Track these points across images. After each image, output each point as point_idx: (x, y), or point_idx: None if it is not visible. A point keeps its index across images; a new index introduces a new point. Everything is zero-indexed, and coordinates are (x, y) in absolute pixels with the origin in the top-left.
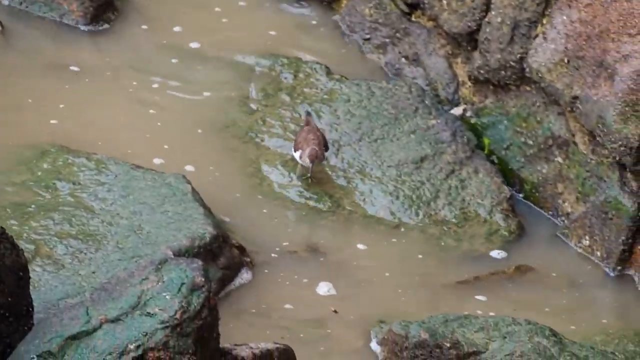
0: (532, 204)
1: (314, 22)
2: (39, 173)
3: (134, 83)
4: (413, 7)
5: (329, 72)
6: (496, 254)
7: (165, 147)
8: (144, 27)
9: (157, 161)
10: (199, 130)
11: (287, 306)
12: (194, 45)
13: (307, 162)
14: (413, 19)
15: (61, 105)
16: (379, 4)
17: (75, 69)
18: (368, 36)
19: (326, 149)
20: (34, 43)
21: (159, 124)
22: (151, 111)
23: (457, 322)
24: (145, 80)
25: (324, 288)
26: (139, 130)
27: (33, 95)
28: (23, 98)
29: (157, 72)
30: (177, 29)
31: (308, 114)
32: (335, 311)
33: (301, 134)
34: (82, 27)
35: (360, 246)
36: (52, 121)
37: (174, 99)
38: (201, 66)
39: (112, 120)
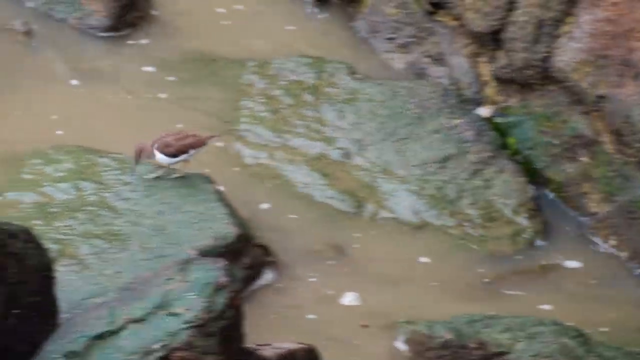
0: (557, 204)
1: (336, 22)
2: (63, 173)
3: (156, 86)
4: (437, 7)
5: (352, 72)
6: (521, 253)
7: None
8: (167, 29)
9: None
10: (221, 131)
11: (311, 306)
12: (216, 48)
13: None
14: (437, 18)
15: (85, 107)
16: (402, 4)
17: (99, 70)
18: (392, 36)
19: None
20: (58, 44)
21: (180, 125)
22: (173, 114)
23: (483, 322)
24: (167, 83)
25: (348, 287)
26: (160, 132)
27: (57, 97)
28: (47, 99)
29: (180, 75)
30: (200, 30)
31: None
32: (365, 325)
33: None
34: (105, 29)
35: (384, 246)
36: (76, 122)
37: (195, 102)
38: (223, 68)
39: (135, 121)
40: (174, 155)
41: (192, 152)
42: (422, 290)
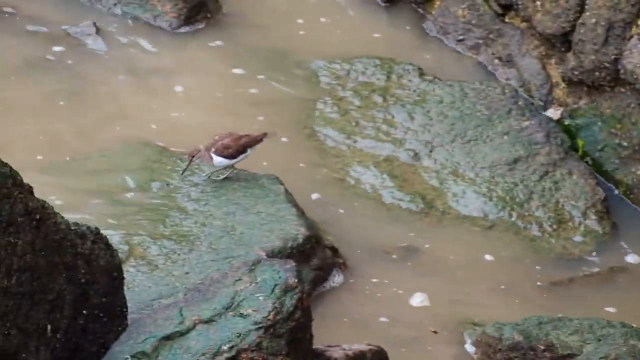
0: (627, 205)
1: (406, 24)
2: (134, 174)
3: (226, 85)
4: (506, 8)
5: (421, 73)
6: (590, 255)
7: (258, 147)
8: (237, 29)
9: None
10: (292, 132)
11: (380, 307)
12: (286, 46)
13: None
14: (507, 20)
15: (155, 107)
16: (472, 5)
17: (170, 70)
18: (461, 37)
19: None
20: (127, 44)
21: (255, 126)
22: (244, 113)
23: (551, 324)
24: (238, 83)
25: (417, 288)
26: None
27: (128, 97)
28: (118, 99)
29: (250, 75)
30: (270, 30)
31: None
32: (435, 332)
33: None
34: (176, 29)
35: (453, 247)
36: (146, 122)
37: (267, 100)
38: (293, 68)
39: (206, 120)
40: (233, 157)
41: (249, 151)
42: (491, 292)
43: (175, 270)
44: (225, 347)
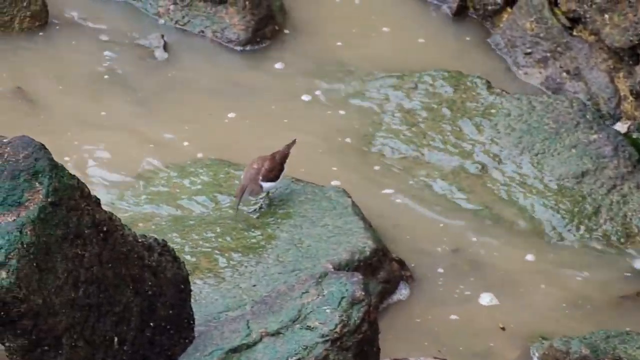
0: None
1: (473, 36)
2: (200, 186)
3: (293, 99)
4: (574, 22)
5: (489, 86)
6: None
7: (316, 158)
8: (305, 42)
9: (309, 173)
10: (358, 144)
11: (446, 319)
12: (353, 59)
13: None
14: (574, 33)
15: (223, 119)
16: (540, 19)
17: (238, 84)
18: (529, 50)
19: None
20: (194, 58)
21: (321, 137)
22: (310, 127)
23: (619, 338)
24: (304, 96)
25: (485, 300)
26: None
27: (194, 111)
28: (184, 113)
29: (316, 88)
30: (338, 43)
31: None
32: (503, 328)
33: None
34: (243, 42)
35: (520, 260)
36: (212, 134)
37: (332, 115)
38: (360, 81)
39: (271, 134)
40: (278, 177)
41: (284, 166)
42: (558, 305)
43: (242, 282)
44: None
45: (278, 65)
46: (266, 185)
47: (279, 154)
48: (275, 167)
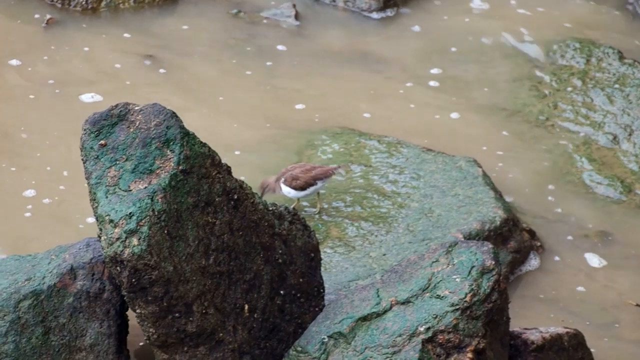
0: None
1: (607, 5)
2: (332, 156)
3: (421, 72)
4: None
5: (621, 57)
6: None
7: (442, 128)
8: (433, 9)
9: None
10: (487, 113)
11: (576, 291)
12: (486, 27)
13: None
14: None
15: (353, 90)
16: None
17: (368, 53)
18: None
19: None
20: (326, 26)
21: (455, 115)
22: (439, 102)
23: None
24: (432, 69)
25: (613, 274)
26: (415, 115)
27: (330, 81)
28: (320, 84)
29: (444, 60)
30: (462, 17)
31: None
32: (638, 304)
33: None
34: (374, 9)
35: None
36: (346, 103)
37: (464, 86)
38: (488, 48)
39: (398, 107)
40: (302, 189)
41: (320, 183)
42: None
43: (372, 251)
44: (421, 329)
45: (407, 34)
46: (285, 188)
47: (319, 168)
48: (302, 179)
